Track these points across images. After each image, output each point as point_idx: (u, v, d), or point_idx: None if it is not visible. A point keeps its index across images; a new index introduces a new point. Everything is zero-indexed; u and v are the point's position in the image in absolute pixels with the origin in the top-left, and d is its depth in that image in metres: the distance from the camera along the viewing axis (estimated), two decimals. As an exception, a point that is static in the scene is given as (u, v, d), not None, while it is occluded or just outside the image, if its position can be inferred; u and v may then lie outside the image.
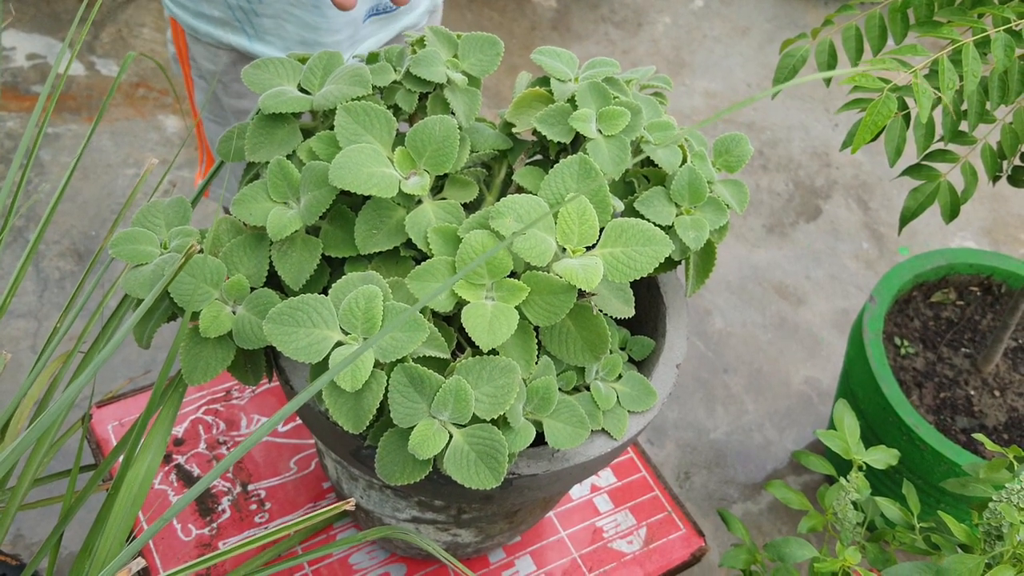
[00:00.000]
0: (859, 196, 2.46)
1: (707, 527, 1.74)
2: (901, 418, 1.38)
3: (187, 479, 1.02)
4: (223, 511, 1.00)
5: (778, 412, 1.95)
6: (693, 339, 2.07)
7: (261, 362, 0.73)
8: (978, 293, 1.63)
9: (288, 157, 0.72)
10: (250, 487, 1.02)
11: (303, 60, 0.76)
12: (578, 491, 1.08)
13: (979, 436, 0.88)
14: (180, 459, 1.03)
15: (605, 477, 1.10)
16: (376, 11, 1.13)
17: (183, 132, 2.40)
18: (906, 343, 1.56)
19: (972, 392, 1.49)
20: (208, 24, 1.12)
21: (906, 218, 0.98)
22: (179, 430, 1.06)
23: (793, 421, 1.94)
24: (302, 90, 0.74)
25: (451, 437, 0.63)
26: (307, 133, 0.74)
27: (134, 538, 0.99)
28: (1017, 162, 1.10)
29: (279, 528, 0.60)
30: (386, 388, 0.62)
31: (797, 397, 1.98)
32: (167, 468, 1.03)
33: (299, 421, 1.08)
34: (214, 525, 0.99)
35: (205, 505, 1.00)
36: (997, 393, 1.49)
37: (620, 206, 0.71)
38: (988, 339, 1.53)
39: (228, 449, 1.05)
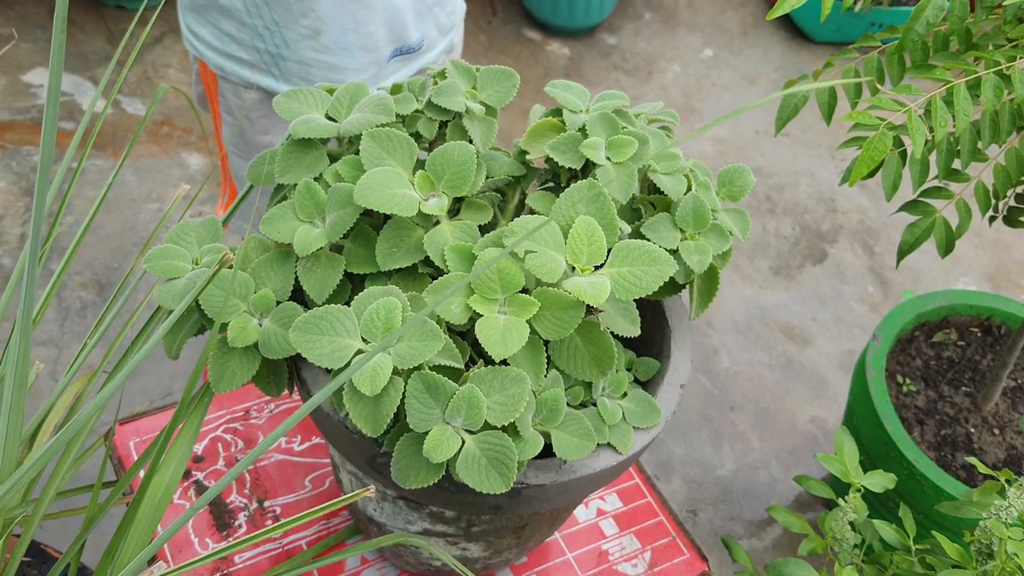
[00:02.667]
0: (864, 241, 2.50)
1: (712, 563, 1.75)
2: (902, 453, 1.41)
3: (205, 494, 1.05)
4: (239, 526, 1.03)
5: (784, 450, 1.98)
6: (700, 377, 2.10)
7: (284, 373, 0.77)
8: (978, 334, 1.66)
9: (315, 180, 0.76)
10: (266, 503, 1.05)
11: (331, 91, 0.81)
12: (584, 514, 1.10)
13: (971, 459, 0.91)
14: (199, 475, 1.07)
15: (611, 502, 1.12)
16: (400, 52, 1.19)
17: (206, 169, 2.47)
18: (908, 381, 1.59)
19: (972, 430, 1.52)
20: (236, 65, 1.17)
21: (903, 252, 1.02)
22: (199, 447, 1.09)
23: (799, 459, 1.96)
24: (330, 118, 0.79)
25: (463, 443, 0.66)
26: (333, 159, 0.78)
27: (155, 555, 1.03)
28: (1012, 203, 1.14)
29: (289, 521, 0.64)
30: (403, 395, 0.65)
31: (803, 436, 2.01)
32: (186, 484, 1.06)
33: (315, 440, 1.11)
34: (231, 539, 1.01)
35: (222, 520, 1.03)
36: (996, 431, 1.52)
37: (627, 229, 0.75)
38: (988, 378, 1.56)
39: (246, 467, 1.08)
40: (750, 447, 1.98)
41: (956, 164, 0.97)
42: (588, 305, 0.68)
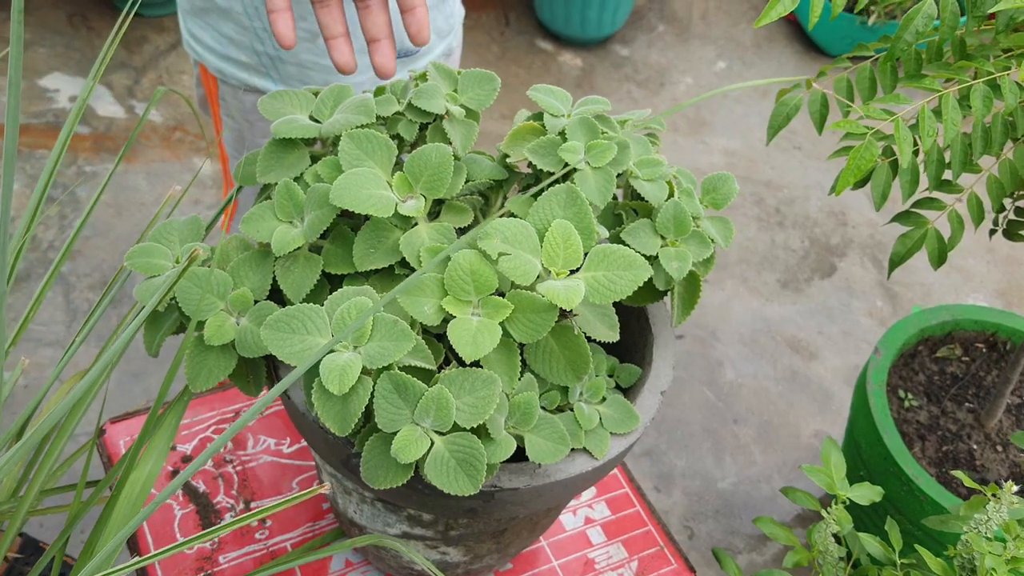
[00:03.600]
0: (874, 255, 2.48)
1: (711, 576, 1.74)
2: (902, 468, 1.39)
3: (193, 494, 1.06)
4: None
5: (787, 464, 1.96)
6: (703, 389, 2.09)
7: (262, 372, 0.77)
8: (983, 349, 1.65)
9: (296, 180, 0.76)
10: (253, 504, 1.05)
11: (316, 93, 0.82)
12: (571, 522, 1.10)
13: (957, 473, 0.90)
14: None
15: (599, 510, 1.12)
16: (399, 55, 1.19)
17: (216, 175, 2.48)
18: (910, 396, 1.57)
19: (975, 446, 1.50)
20: (236, 68, 1.18)
21: (894, 263, 1.01)
22: (188, 447, 1.10)
23: (801, 474, 1.94)
24: (314, 120, 0.79)
25: (432, 444, 0.66)
26: (316, 161, 0.78)
27: (139, 552, 1.03)
28: (1012, 216, 1.13)
29: (264, 509, 0.63)
30: (372, 394, 0.65)
31: (806, 450, 1.99)
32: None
33: (303, 443, 1.11)
34: (215, 539, 1.02)
35: (209, 520, 1.04)
36: (999, 448, 1.50)
37: (605, 233, 0.75)
38: (992, 395, 1.54)
39: (234, 468, 1.08)
40: (752, 460, 1.96)
41: (947, 175, 0.96)
42: (563, 309, 0.68)
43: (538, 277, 0.69)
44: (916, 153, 0.91)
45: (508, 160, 0.80)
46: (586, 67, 3.00)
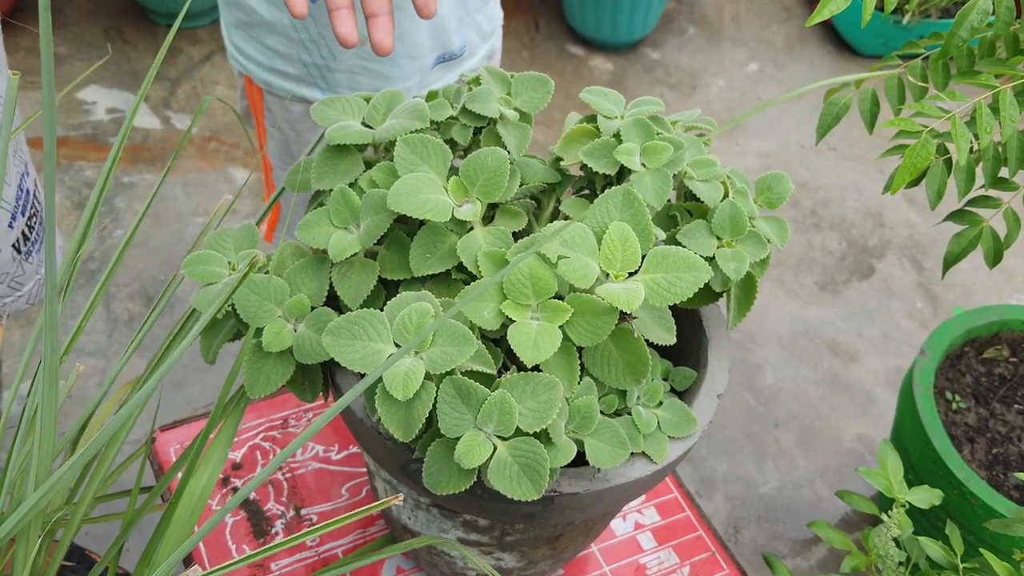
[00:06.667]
0: (913, 256, 2.45)
1: (755, 582, 1.72)
2: (952, 471, 1.37)
3: (244, 502, 1.06)
4: (276, 533, 1.03)
5: (829, 468, 1.94)
6: (743, 393, 2.07)
7: (318, 379, 0.77)
8: (1032, 350, 1.62)
9: (350, 186, 0.77)
10: (303, 511, 1.06)
11: (368, 99, 0.82)
12: (622, 528, 1.09)
13: (1020, 475, 0.88)
14: (237, 483, 1.07)
15: (649, 515, 1.11)
16: (443, 59, 1.20)
17: (252, 184, 2.50)
18: (958, 398, 1.55)
19: (1026, 448, 1.48)
20: (282, 79, 1.19)
21: (949, 262, 1.00)
22: (237, 455, 1.10)
23: (844, 478, 1.92)
24: (366, 125, 0.79)
25: (495, 449, 0.66)
26: (369, 165, 0.79)
27: (193, 560, 1.04)
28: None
29: (323, 525, 0.63)
30: (434, 400, 0.65)
31: (848, 454, 1.97)
32: (224, 491, 1.07)
33: (352, 449, 1.12)
34: (267, 546, 1.02)
35: (260, 527, 1.04)
36: (1052, 450, 1.47)
37: (662, 235, 0.74)
38: (1042, 395, 1.52)
39: (283, 475, 1.09)
40: (794, 465, 1.94)
41: (1004, 172, 0.94)
42: (622, 312, 0.67)
43: (597, 280, 0.68)
44: (971, 151, 0.90)
45: (560, 163, 0.80)
46: (617, 71, 2.99)
